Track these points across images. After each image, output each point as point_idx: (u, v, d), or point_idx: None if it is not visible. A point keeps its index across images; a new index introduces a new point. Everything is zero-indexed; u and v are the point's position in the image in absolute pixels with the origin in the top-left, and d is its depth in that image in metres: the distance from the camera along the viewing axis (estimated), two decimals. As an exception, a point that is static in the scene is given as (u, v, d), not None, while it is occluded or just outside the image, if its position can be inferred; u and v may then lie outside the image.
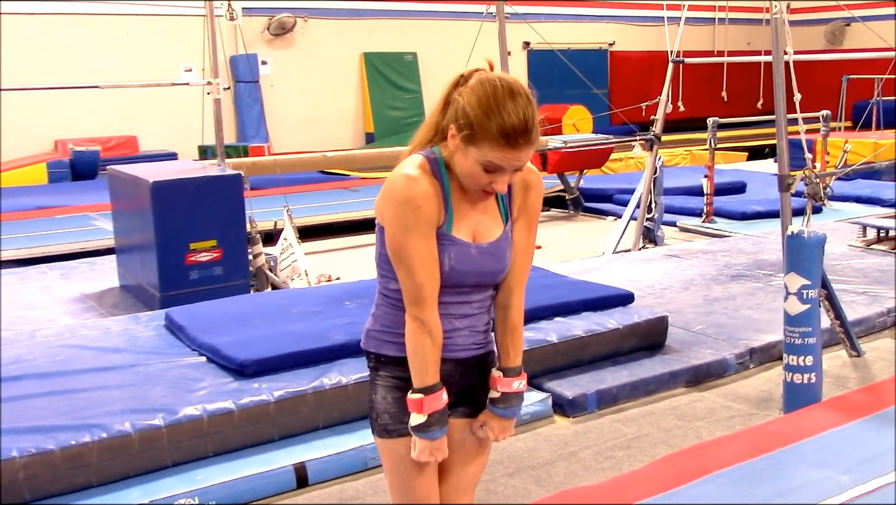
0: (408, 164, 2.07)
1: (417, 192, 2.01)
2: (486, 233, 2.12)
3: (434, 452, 2.13)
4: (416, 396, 2.09)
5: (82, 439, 3.37)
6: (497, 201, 2.15)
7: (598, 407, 4.35)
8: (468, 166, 2.02)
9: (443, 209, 2.06)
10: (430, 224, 2.03)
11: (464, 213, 2.10)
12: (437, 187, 2.05)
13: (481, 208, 2.13)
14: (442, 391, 2.10)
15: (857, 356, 4.99)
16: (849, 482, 3.29)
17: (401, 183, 2.03)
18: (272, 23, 14.17)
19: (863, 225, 7.65)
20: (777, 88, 4.57)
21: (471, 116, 1.97)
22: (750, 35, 19.57)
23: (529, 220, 2.19)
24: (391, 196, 2.04)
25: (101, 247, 7.77)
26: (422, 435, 2.10)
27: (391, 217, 2.04)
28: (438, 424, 2.10)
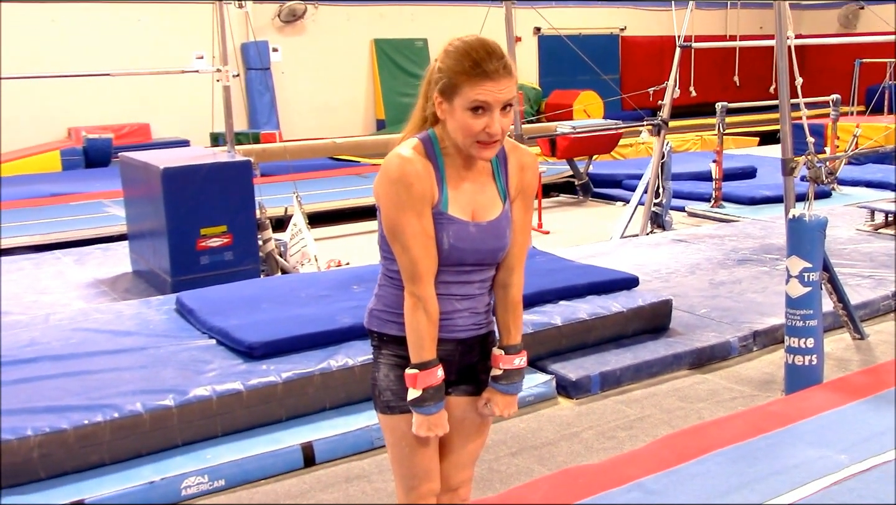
0: (402, 146, 2.15)
1: (410, 171, 2.08)
2: (485, 212, 2.18)
3: (432, 427, 2.19)
4: (412, 371, 2.15)
5: (95, 419, 3.46)
6: (495, 181, 2.20)
7: (601, 389, 4.41)
8: (458, 120, 2.06)
9: (437, 188, 2.12)
10: (422, 202, 2.09)
11: (461, 192, 2.15)
12: (431, 167, 2.12)
13: (479, 188, 2.18)
14: (437, 367, 2.16)
15: (860, 339, 5.02)
16: (846, 461, 3.34)
17: (394, 163, 2.10)
18: (283, 10, 14.22)
19: (871, 209, 7.66)
20: (780, 72, 4.58)
21: (444, 69, 2.07)
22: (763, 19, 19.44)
23: (526, 199, 2.25)
24: (385, 176, 2.11)
25: (114, 233, 7.87)
26: (418, 410, 2.17)
27: (385, 196, 2.11)
28: (433, 400, 2.16)
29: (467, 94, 2.03)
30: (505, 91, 2.05)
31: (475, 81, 2.02)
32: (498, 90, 2.03)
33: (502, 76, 2.04)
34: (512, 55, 6.67)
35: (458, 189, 2.15)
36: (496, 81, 2.03)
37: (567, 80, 16.83)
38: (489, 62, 2.03)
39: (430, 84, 2.14)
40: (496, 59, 2.04)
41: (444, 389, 2.19)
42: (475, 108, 2.04)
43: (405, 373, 2.17)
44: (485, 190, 2.19)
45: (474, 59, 2.03)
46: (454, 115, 2.07)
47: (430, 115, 2.17)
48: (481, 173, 2.19)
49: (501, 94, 2.04)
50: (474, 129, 2.05)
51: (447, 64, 2.06)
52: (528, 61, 16.67)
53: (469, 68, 2.03)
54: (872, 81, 16.03)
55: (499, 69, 2.03)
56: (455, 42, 2.09)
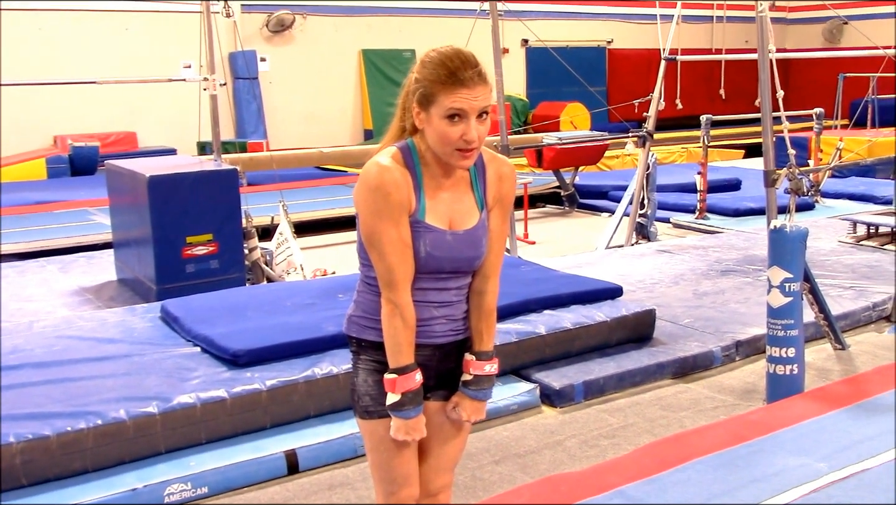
0: (380, 154, 2.18)
1: (388, 179, 2.11)
2: (462, 220, 2.21)
3: (410, 431, 2.21)
4: (390, 376, 2.18)
5: (78, 426, 3.46)
6: (472, 191, 2.23)
7: (584, 397, 4.43)
8: (435, 129, 2.10)
9: (414, 197, 2.15)
10: (399, 210, 2.12)
11: (438, 201, 2.18)
12: (409, 176, 2.15)
13: (457, 197, 2.21)
14: (415, 372, 2.19)
15: (841, 349, 5.07)
16: (825, 469, 3.38)
17: (372, 171, 2.13)
18: (271, 19, 14.25)
19: (853, 221, 7.73)
20: (762, 85, 4.63)
21: (421, 80, 2.11)
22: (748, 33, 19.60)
23: (504, 209, 2.28)
24: (363, 184, 2.14)
25: (99, 241, 7.85)
26: (397, 414, 2.19)
27: (363, 203, 2.14)
28: (412, 404, 2.19)
29: (443, 103, 2.07)
30: (480, 98, 2.08)
31: (450, 90, 2.06)
32: (473, 97, 2.07)
33: (477, 83, 2.08)
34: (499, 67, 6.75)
35: (436, 198, 2.18)
36: (471, 89, 2.07)
37: (554, 91, 16.92)
38: (464, 71, 2.07)
39: (407, 95, 2.18)
40: (470, 67, 2.08)
41: (422, 394, 2.22)
42: (451, 115, 2.07)
43: (384, 378, 2.20)
44: (462, 199, 2.22)
45: (449, 69, 2.07)
46: (432, 124, 2.10)
47: (409, 126, 2.20)
48: (459, 182, 2.22)
49: (477, 101, 2.08)
50: (452, 137, 2.09)
51: (423, 74, 2.11)
52: (516, 73, 16.74)
53: (444, 77, 2.07)
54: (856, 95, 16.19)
55: (473, 77, 2.08)
56: (431, 53, 2.14)
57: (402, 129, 2.23)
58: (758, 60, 4.65)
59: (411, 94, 2.15)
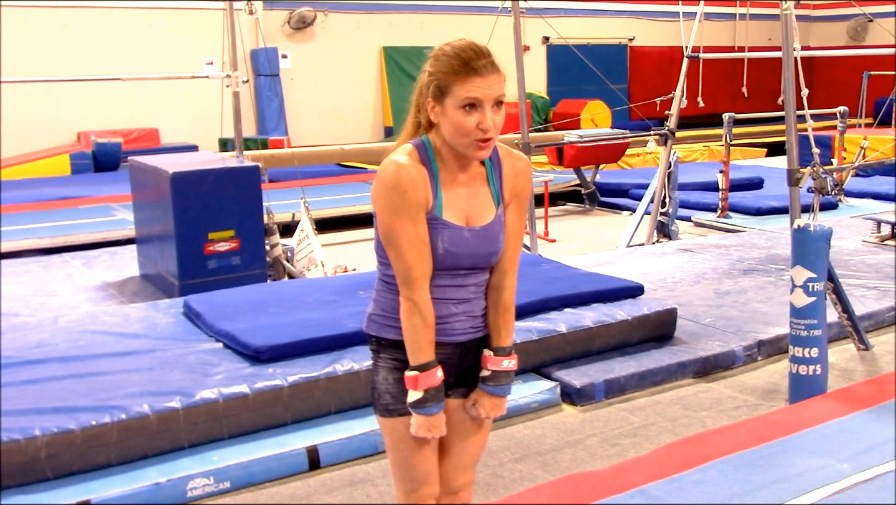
0: (397, 152, 2.18)
1: (404, 177, 2.11)
2: (479, 216, 2.21)
3: (431, 429, 2.22)
4: (411, 373, 2.19)
5: (102, 420, 3.49)
6: (488, 186, 2.23)
7: (605, 396, 4.43)
8: (451, 120, 2.10)
9: (431, 194, 2.15)
10: (416, 208, 2.12)
11: (455, 197, 2.19)
12: (425, 173, 2.15)
13: (473, 193, 2.21)
14: (437, 368, 2.19)
15: (865, 350, 5.03)
16: (848, 470, 3.35)
17: (389, 169, 2.13)
18: (293, 16, 14.29)
19: (877, 221, 7.66)
20: (787, 84, 4.60)
21: (434, 73, 2.12)
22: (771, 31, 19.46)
23: (520, 204, 2.29)
24: (380, 182, 2.15)
25: (122, 237, 7.91)
26: (419, 411, 2.20)
27: (380, 202, 2.15)
28: (434, 400, 2.19)
29: (458, 93, 2.08)
30: (494, 87, 2.09)
31: (464, 79, 2.08)
32: (487, 86, 2.08)
33: (490, 72, 2.09)
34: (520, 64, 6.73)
35: (453, 194, 2.19)
36: (485, 77, 2.08)
37: (575, 89, 16.87)
38: (476, 60, 2.09)
39: (421, 92, 2.19)
40: (483, 57, 2.10)
41: (443, 390, 2.22)
42: (466, 105, 2.08)
43: (405, 375, 2.20)
44: (478, 195, 2.22)
45: (462, 59, 2.09)
46: (447, 116, 2.11)
47: (424, 122, 2.21)
48: (475, 178, 2.23)
49: (491, 89, 2.09)
50: (468, 127, 2.09)
51: (436, 67, 2.12)
52: (537, 70, 16.71)
53: (458, 67, 2.08)
54: (880, 94, 16.03)
55: (486, 66, 2.09)
56: (443, 47, 2.16)
57: (416, 126, 2.23)
58: (782, 58, 4.62)
59: (425, 89, 2.16)
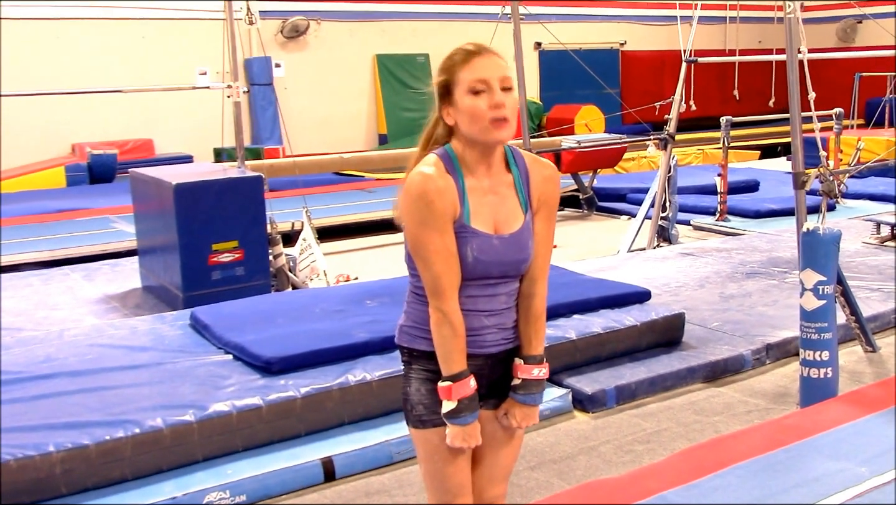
0: (422, 164, 2.19)
1: (431, 188, 2.11)
2: (507, 224, 2.20)
3: (466, 438, 2.20)
4: (445, 383, 2.18)
5: (116, 434, 3.47)
6: (516, 193, 2.23)
7: (617, 402, 4.42)
8: (463, 109, 2.14)
9: (458, 203, 2.15)
10: (444, 219, 2.12)
11: (482, 205, 2.18)
12: (452, 182, 2.15)
13: (500, 200, 2.21)
14: (469, 378, 2.18)
15: (872, 351, 5.04)
16: (866, 473, 3.35)
17: (416, 181, 2.14)
18: (285, 25, 14.28)
19: (877, 222, 7.69)
20: (791, 87, 4.62)
21: (441, 71, 2.19)
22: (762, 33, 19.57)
23: (549, 211, 2.28)
24: (407, 193, 2.15)
25: (122, 249, 7.88)
26: (453, 421, 2.18)
27: (407, 214, 2.15)
28: (468, 410, 2.18)
29: (464, 80, 2.13)
30: (498, 68, 2.14)
31: (467, 63, 2.14)
32: (490, 65, 2.13)
33: (490, 53, 2.16)
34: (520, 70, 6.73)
35: (480, 201, 2.19)
36: (485, 57, 2.14)
37: (567, 94, 16.89)
38: (476, 47, 2.16)
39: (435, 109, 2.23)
40: (483, 46, 2.18)
41: (477, 399, 2.21)
42: (474, 89, 2.12)
43: (438, 386, 2.19)
44: (506, 202, 2.22)
45: (462, 49, 2.17)
46: (459, 108, 2.14)
47: (442, 133, 2.23)
48: (502, 185, 2.22)
49: (495, 70, 2.13)
50: (481, 109, 2.11)
51: (441, 72, 2.19)
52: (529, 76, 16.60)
53: (459, 56, 2.16)
54: (871, 95, 16.12)
55: (485, 49, 2.16)
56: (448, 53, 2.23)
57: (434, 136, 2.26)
58: (787, 62, 4.64)
59: (437, 98, 2.20)
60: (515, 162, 2.24)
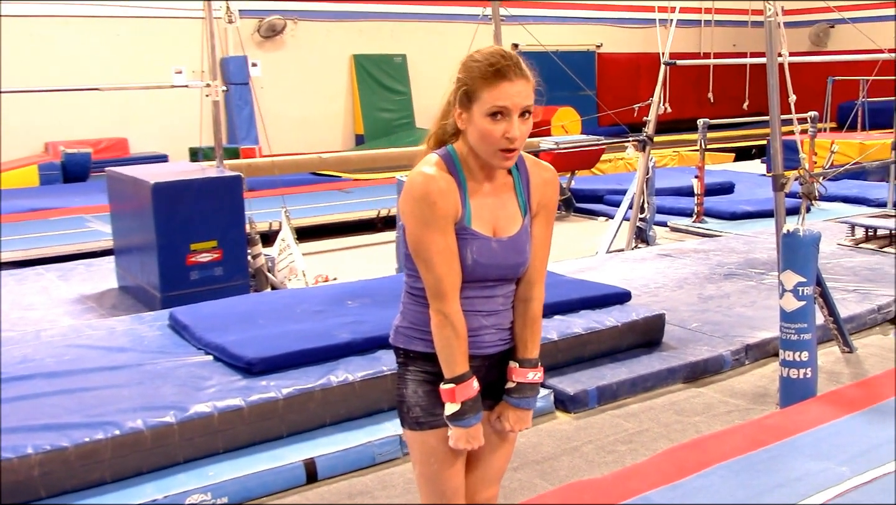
0: (424, 163, 2.16)
1: (433, 188, 2.09)
2: (506, 227, 2.19)
3: (471, 440, 2.19)
4: (447, 386, 2.16)
5: (95, 436, 3.42)
6: (516, 196, 2.22)
7: (598, 403, 4.43)
8: (478, 127, 2.08)
9: (460, 204, 2.13)
10: (446, 219, 2.11)
11: (483, 207, 2.17)
12: (454, 183, 2.13)
13: (500, 203, 2.20)
14: (472, 379, 2.17)
15: (849, 352, 5.09)
16: (847, 473, 3.38)
17: (418, 181, 2.11)
18: (262, 25, 14.21)
19: (851, 224, 7.77)
20: (771, 90, 4.65)
21: (462, 79, 2.11)
22: (736, 37, 19.75)
23: (548, 214, 2.27)
24: (409, 194, 2.12)
25: (97, 248, 7.80)
26: (457, 423, 2.17)
27: (409, 214, 2.13)
28: (472, 412, 2.17)
29: (485, 99, 2.06)
30: (522, 95, 2.07)
31: (492, 84, 2.06)
32: (516, 93, 2.06)
33: (519, 76, 2.07)
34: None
35: (480, 204, 2.17)
36: (513, 82, 2.06)
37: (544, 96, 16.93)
38: (504, 62, 2.07)
39: (449, 102, 2.17)
40: (511, 60, 2.08)
41: (480, 401, 2.20)
42: (494, 113, 2.06)
43: (441, 388, 2.18)
44: (506, 205, 2.21)
45: (491, 63, 2.08)
46: (473, 123, 2.09)
47: (448, 133, 2.20)
48: (502, 188, 2.21)
49: (519, 97, 2.07)
50: (494, 136, 2.07)
51: (465, 73, 2.11)
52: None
53: (487, 71, 2.07)
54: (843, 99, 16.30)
55: (514, 69, 2.07)
56: (473, 54, 2.14)
57: (441, 134, 2.22)
58: (766, 65, 4.67)
59: (452, 97, 2.14)
60: (516, 165, 2.23)
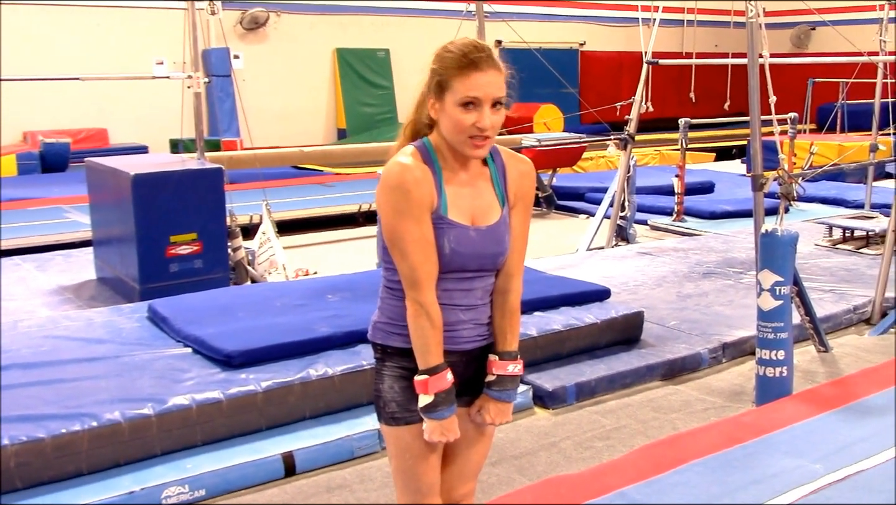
0: (400, 154, 2.18)
1: (408, 177, 2.11)
2: (484, 216, 2.21)
3: (445, 432, 2.19)
4: (421, 377, 2.16)
5: (72, 428, 3.40)
6: (493, 187, 2.23)
7: (577, 399, 4.46)
8: (450, 117, 2.11)
9: (436, 193, 2.14)
10: (421, 208, 2.11)
11: (459, 197, 2.18)
12: (429, 172, 2.15)
13: (477, 193, 2.21)
14: (446, 371, 2.17)
15: (825, 351, 5.14)
16: (820, 470, 3.42)
17: (393, 170, 2.13)
18: (245, 17, 14.15)
19: (829, 225, 7.85)
20: (752, 91, 4.69)
21: (436, 69, 2.13)
22: (717, 37, 19.86)
23: (525, 206, 2.29)
24: (384, 183, 2.14)
25: (76, 239, 7.74)
26: (430, 415, 2.17)
27: (385, 203, 2.14)
28: (445, 404, 2.17)
29: (458, 89, 2.09)
30: (494, 85, 2.10)
31: (465, 74, 2.08)
32: (487, 83, 2.09)
33: (490, 66, 2.10)
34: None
35: (457, 193, 2.18)
36: (484, 71, 2.09)
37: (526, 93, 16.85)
38: (477, 53, 2.10)
39: (423, 93, 2.19)
40: (483, 51, 2.11)
41: (454, 393, 2.20)
42: (466, 103, 2.08)
43: (415, 380, 2.18)
44: (482, 195, 2.22)
45: (464, 53, 2.10)
46: (446, 112, 2.12)
47: (422, 124, 2.22)
48: (478, 178, 2.22)
49: (491, 87, 2.09)
50: (465, 125, 2.09)
51: (439, 64, 2.13)
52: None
53: (458, 59, 2.09)
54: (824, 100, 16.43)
55: (486, 59, 2.10)
56: (447, 45, 2.17)
57: (416, 126, 2.24)
58: (748, 66, 4.71)
59: (426, 88, 2.16)
60: (492, 157, 2.24)
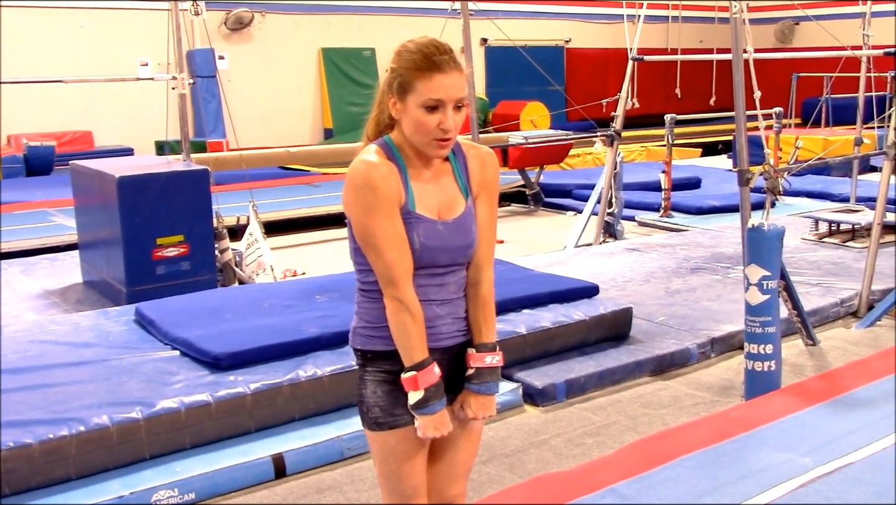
0: (363, 153, 2.18)
1: (375, 175, 2.10)
2: (450, 209, 2.20)
3: (438, 427, 2.18)
4: (409, 374, 2.15)
5: (60, 433, 3.38)
6: (455, 180, 2.23)
7: (566, 396, 4.46)
8: (412, 118, 2.10)
9: (402, 189, 2.14)
10: (390, 204, 2.11)
11: (425, 191, 2.18)
12: (395, 169, 2.14)
13: (441, 187, 2.21)
14: (433, 365, 2.16)
15: (812, 345, 5.16)
16: (810, 464, 3.43)
17: (359, 169, 2.12)
18: (229, 17, 14.10)
19: (815, 219, 7.87)
20: (737, 86, 4.70)
21: (397, 69, 2.12)
22: (702, 33, 19.91)
23: (490, 195, 2.28)
24: (351, 182, 2.13)
25: (62, 243, 7.69)
26: (422, 411, 2.16)
27: (353, 203, 2.13)
28: (436, 397, 2.16)
29: (421, 91, 2.08)
30: (456, 87, 2.09)
31: (427, 77, 2.07)
32: (449, 84, 2.08)
33: (453, 69, 2.09)
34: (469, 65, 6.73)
35: (423, 189, 2.18)
36: (447, 73, 2.08)
37: (513, 90, 16.98)
38: (439, 55, 2.09)
39: (383, 91, 2.19)
40: (445, 53, 2.10)
41: (443, 386, 2.19)
42: (429, 106, 2.08)
43: (402, 377, 2.16)
44: (446, 189, 2.22)
45: (424, 54, 2.09)
46: (408, 113, 2.11)
47: (384, 123, 2.21)
48: (440, 173, 2.22)
49: (453, 89, 2.09)
50: (429, 127, 2.09)
51: (399, 63, 2.12)
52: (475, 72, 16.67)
53: (420, 62, 2.08)
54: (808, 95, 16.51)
55: (449, 62, 2.09)
56: (406, 44, 2.15)
57: (378, 124, 2.23)
58: (732, 61, 4.72)
59: (387, 87, 2.15)
60: (453, 151, 2.24)
